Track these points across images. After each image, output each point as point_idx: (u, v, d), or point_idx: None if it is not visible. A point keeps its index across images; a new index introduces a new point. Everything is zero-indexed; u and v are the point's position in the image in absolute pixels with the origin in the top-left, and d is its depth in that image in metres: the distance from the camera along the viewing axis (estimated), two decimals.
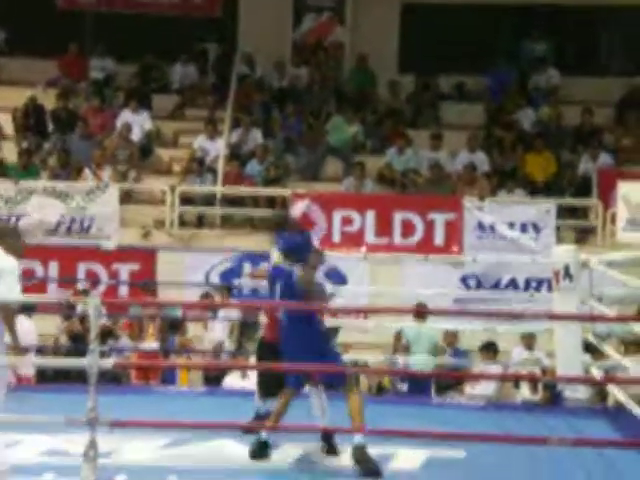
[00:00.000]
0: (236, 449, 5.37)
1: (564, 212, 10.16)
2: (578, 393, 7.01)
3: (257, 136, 11.47)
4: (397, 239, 10.09)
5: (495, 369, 7.97)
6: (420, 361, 8.06)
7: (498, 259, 8.91)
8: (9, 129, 11.68)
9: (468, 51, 12.26)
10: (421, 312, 7.49)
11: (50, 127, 11.58)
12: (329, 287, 9.35)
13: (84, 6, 12.65)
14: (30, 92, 11.76)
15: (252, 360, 7.75)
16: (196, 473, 4.95)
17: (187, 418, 5.09)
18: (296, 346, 5.05)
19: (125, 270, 9.51)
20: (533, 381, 7.61)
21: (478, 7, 12.23)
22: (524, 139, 11.44)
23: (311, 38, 12.64)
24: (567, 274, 7.12)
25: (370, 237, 10.13)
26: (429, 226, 10.01)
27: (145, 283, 9.11)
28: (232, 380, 7.88)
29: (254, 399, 5.47)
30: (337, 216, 10.21)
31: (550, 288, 7.87)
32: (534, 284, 9.06)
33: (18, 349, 4.62)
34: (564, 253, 7.30)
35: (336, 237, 10.25)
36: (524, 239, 9.25)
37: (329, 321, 8.37)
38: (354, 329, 8.69)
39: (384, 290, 8.65)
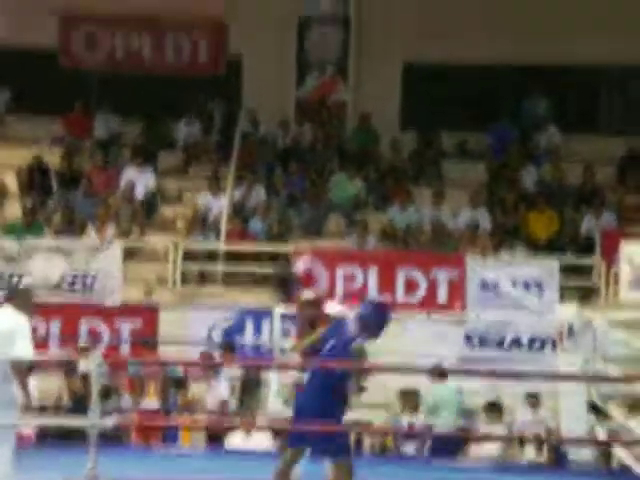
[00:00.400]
0: None
1: (567, 271, 10.14)
2: (583, 454, 6.93)
3: (260, 193, 11.52)
4: (400, 296, 10.07)
5: (500, 429, 7.89)
6: (445, 423, 7.93)
7: (501, 317, 8.87)
8: (13, 187, 11.74)
9: (469, 109, 12.37)
10: (440, 373, 7.42)
11: (55, 185, 11.65)
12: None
13: (88, 65, 12.80)
14: (35, 150, 11.85)
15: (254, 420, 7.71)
16: None
17: (187, 478, 5.00)
18: (314, 407, 4.93)
19: (127, 328, 9.48)
20: (538, 442, 7.52)
21: (480, 66, 12.37)
22: (526, 197, 11.48)
23: (314, 96, 12.76)
24: (571, 333, 7.10)
25: (373, 294, 10.12)
26: (432, 283, 10.00)
27: (146, 340, 9.06)
28: (235, 440, 7.80)
29: None
30: (340, 272, 10.21)
31: (554, 347, 7.84)
32: (538, 343, 9.01)
33: (30, 407, 4.61)
34: (567, 312, 7.29)
35: (339, 294, 10.23)
36: (527, 297, 9.23)
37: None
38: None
39: (387, 348, 8.60)
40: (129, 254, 10.55)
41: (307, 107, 12.68)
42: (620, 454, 7.02)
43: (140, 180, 11.50)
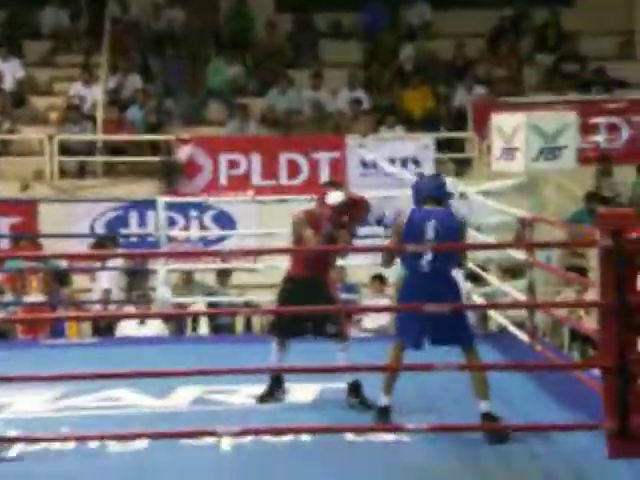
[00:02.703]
0: (129, 397, 5.40)
1: (442, 146, 10.41)
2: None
3: (136, 81, 11.26)
4: (283, 180, 10.15)
5: (384, 301, 8.18)
6: None
7: (382, 195, 9.08)
8: None
9: None
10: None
11: None
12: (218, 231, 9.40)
13: None
14: None
15: (148, 308, 7.77)
16: (89, 423, 4.97)
17: (78, 369, 5.07)
18: (434, 295, 4.56)
19: (5, 223, 9.28)
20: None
21: None
22: (401, 75, 11.61)
23: None
24: None
25: (257, 179, 10.16)
26: (314, 166, 10.11)
27: (26, 236, 8.89)
28: (126, 329, 7.85)
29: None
30: (223, 159, 10.19)
31: None
32: None
33: None
34: None
35: (223, 181, 10.25)
36: (405, 174, 9.46)
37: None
38: (245, 271, 8.77)
39: (273, 231, 8.73)
40: (1, 149, 10.23)
41: None
42: (497, 317, 7.42)
43: (7, 71, 11.05)
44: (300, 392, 5.42)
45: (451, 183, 7.53)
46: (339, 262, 8.48)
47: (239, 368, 4.66)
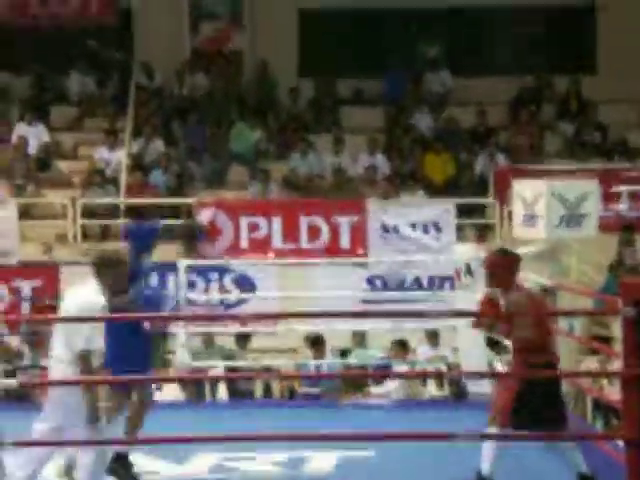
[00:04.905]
0: (147, 463, 5.33)
1: (463, 211, 10.43)
2: (482, 387, 7.20)
3: (159, 145, 11.40)
4: (304, 243, 10.16)
5: (404, 367, 8.12)
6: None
7: (402, 259, 9.07)
8: None
9: (365, 55, 12.44)
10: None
11: None
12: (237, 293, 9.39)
13: None
14: None
15: (166, 372, 7.74)
16: None
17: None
18: None
19: (27, 286, 9.32)
20: (439, 377, 7.78)
21: (373, 11, 12.44)
22: (422, 141, 11.70)
23: (210, 46, 12.62)
24: (468, 271, 7.32)
25: (277, 242, 10.18)
26: (334, 229, 10.12)
27: (46, 301, 8.89)
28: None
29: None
30: (244, 222, 10.23)
31: (453, 286, 8.08)
32: (437, 282, 9.27)
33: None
34: (465, 251, 7.51)
35: (244, 244, 10.26)
36: (426, 239, 9.45)
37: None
38: (264, 334, 8.74)
39: (293, 295, 8.72)
40: (25, 212, 10.33)
41: (203, 56, 12.55)
42: None
43: (32, 136, 11.23)
44: (319, 460, 5.34)
45: (472, 249, 7.56)
46: (359, 327, 8.48)
47: (257, 435, 4.61)
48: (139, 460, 5.33)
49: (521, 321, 4.78)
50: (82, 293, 4.60)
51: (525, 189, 7.07)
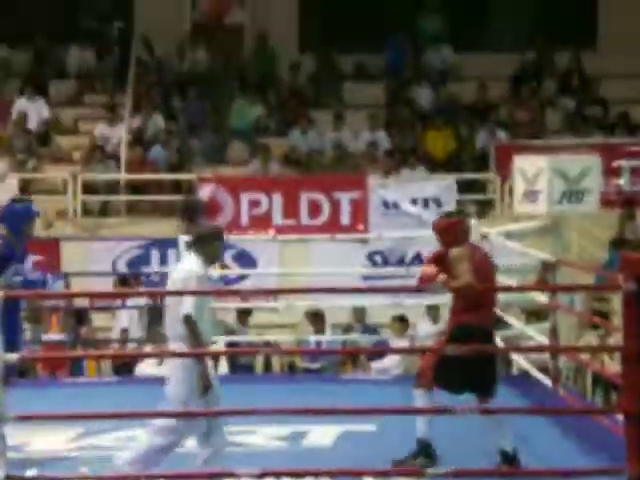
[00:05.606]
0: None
1: (464, 187, 10.42)
2: None
3: (159, 121, 11.36)
4: (304, 220, 10.16)
5: (404, 343, 8.14)
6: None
7: (402, 235, 9.07)
8: None
9: (366, 30, 12.38)
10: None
11: None
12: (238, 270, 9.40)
13: None
14: None
15: (164, 347, 7.76)
16: (108, 463, 4.94)
17: (97, 408, 5.05)
18: None
19: (28, 261, 9.31)
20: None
21: None
22: (423, 117, 11.66)
23: (210, 16, 12.54)
24: None
25: (278, 219, 10.18)
26: (335, 206, 10.11)
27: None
28: (145, 368, 7.84)
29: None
30: (244, 199, 10.21)
31: None
32: None
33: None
34: None
35: (244, 220, 10.26)
36: (427, 215, 9.46)
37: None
38: (265, 310, 8.76)
39: (293, 271, 8.73)
40: (25, 187, 10.32)
41: (203, 29, 12.48)
42: (519, 361, 7.34)
43: (32, 111, 11.19)
44: (320, 434, 5.37)
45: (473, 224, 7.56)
46: (360, 303, 8.49)
47: (258, 408, 4.63)
48: (141, 434, 5.36)
49: (459, 270, 4.78)
50: None
51: (526, 165, 7.06)
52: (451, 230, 4.97)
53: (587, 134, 11.29)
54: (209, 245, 4.61)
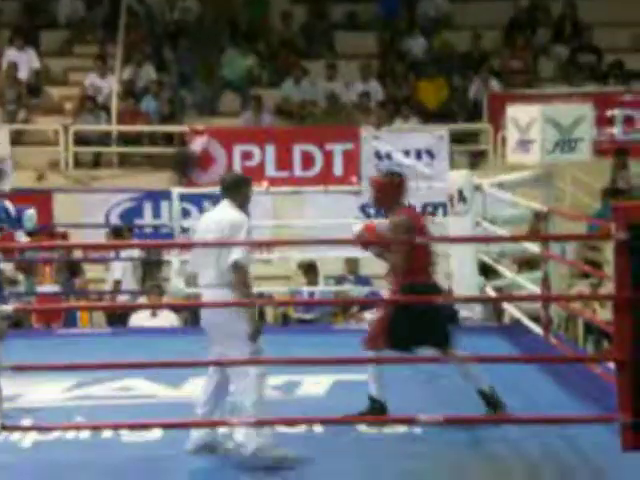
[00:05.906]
0: (143, 387, 5.41)
1: (457, 138, 10.38)
2: (475, 312, 7.27)
3: (150, 72, 11.26)
4: (297, 172, 10.14)
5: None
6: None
7: None
8: None
9: None
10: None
11: None
12: None
13: None
14: None
15: (161, 299, 7.79)
16: (103, 413, 4.98)
17: (92, 359, 5.08)
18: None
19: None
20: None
21: None
22: (416, 67, 11.57)
23: None
24: (461, 198, 7.32)
25: (271, 170, 10.15)
26: (328, 157, 10.08)
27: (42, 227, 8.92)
28: (140, 319, 7.87)
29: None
30: (237, 151, 10.18)
31: (446, 212, 8.09)
32: (430, 209, 9.28)
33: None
34: (458, 178, 7.49)
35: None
36: (419, 166, 9.43)
37: None
38: (259, 262, 8.78)
39: (286, 223, 8.74)
40: (16, 138, 10.25)
41: None
42: (510, 310, 7.39)
43: (23, 61, 11.08)
44: (313, 384, 5.42)
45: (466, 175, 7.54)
46: (352, 254, 8.51)
47: (252, 359, 4.65)
48: (138, 384, 5.41)
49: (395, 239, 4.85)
50: None
51: (519, 114, 7.02)
52: (390, 189, 4.94)
53: (580, 83, 11.23)
54: (241, 192, 4.58)
